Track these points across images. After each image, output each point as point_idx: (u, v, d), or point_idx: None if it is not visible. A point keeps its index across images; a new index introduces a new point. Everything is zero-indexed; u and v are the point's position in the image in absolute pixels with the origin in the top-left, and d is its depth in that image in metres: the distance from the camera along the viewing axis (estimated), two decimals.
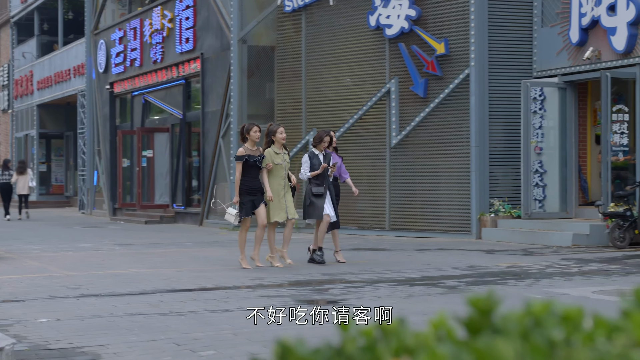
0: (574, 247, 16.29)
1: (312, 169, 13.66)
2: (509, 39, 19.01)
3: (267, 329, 8.12)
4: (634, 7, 16.74)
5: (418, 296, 10.10)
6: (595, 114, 19.06)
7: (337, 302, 9.71)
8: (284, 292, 10.60)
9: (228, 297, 10.27)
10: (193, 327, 8.26)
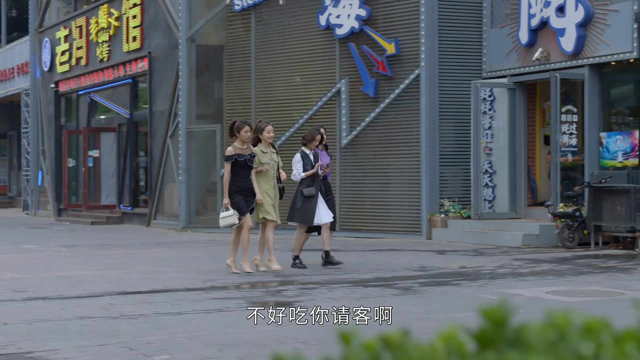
0: (524, 247, 16.34)
1: (304, 169, 13.03)
2: (459, 40, 19.04)
3: (222, 332, 7.98)
4: (582, 9, 16.85)
5: (372, 297, 10.01)
6: (544, 114, 19.16)
7: (291, 304, 9.58)
8: (237, 294, 10.46)
9: (180, 299, 10.09)
10: (145, 330, 8.09)
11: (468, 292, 10.40)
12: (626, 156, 16.59)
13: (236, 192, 12.31)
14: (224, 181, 12.38)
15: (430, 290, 10.62)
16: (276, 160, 12.85)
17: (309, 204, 12.96)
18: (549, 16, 17.48)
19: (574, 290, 10.39)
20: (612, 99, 17.58)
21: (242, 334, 7.88)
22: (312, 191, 12.94)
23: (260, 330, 8.01)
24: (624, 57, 16.37)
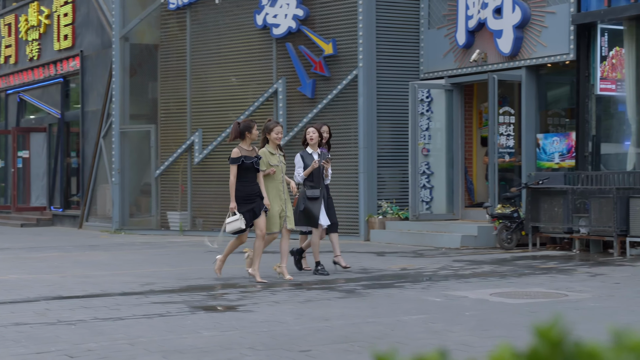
0: (463, 248, 16.33)
1: (305, 169, 12.31)
2: (397, 40, 18.99)
3: (165, 338, 7.75)
4: (519, 10, 16.91)
5: (316, 301, 9.86)
6: (481, 115, 19.22)
7: (235, 308, 9.38)
8: (177, 298, 10.21)
9: (119, 304, 9.82)
10: (85, 337, 7.81)
11: (412, 294, 10.30)
12: (563, 157, 16.70)
13: (242, 199, 11.42)
14: (230, 185, 11.45)
15: (374, 292, 10.49)
16: (284, 162, 12.07)
17: (313, 206, 12.20)
18: (487, 17, 17.52)
19: (518, 292, 10.36)
20: (549, 101, 17.69)
21: (186, 339, 7.66)
22: (316, 193, 12.16)
23: (204, 336, 7.80)
24: (561, 59, 16.47)
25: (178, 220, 21.34)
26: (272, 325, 8.24)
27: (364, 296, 10.19)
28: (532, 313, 8.77)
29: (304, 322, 8.40)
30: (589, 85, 16.24)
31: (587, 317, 8.50)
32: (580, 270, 12.59)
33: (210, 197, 21.00)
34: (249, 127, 11.49)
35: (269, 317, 8.73)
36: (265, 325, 8.29)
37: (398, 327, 8.08)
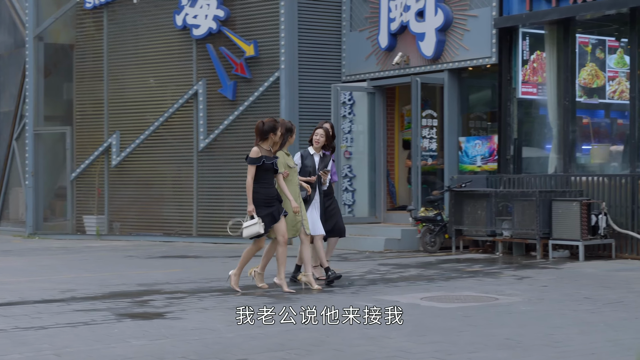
0: (387, 251, 16.26)
1: (303, 171, 11.55)
2: (319, 43, 18.86)
3: (93, 347, 7.46)
4: (442, 14, 16.93)
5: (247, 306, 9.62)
6: (403, 118, 19.19)
7: (162, 315, 9.10)
8: (101, 306, 9.87)
9: (40, 312, 9.44)
10: (7, 347, 7.46)
11: (342, 299, 10.15)
12: (485, 160, 16.77)
13: (262, 203, 10.72)
14: (248, 186, 10.73)
15: (304, 297, 10.31)
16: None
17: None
18: (409, 20, 17.50)
19: (448, 296, 10.29)
20: (471, 104, 17.75)
21: (114, 349, 7.37)
22: (302, 195, 11.35)
23: (134, 345, 7.52)
24: (483, 62, 16.52)
25: (95, 224, 20.85)
26: (204, 333, 8.00)
27: (295, 301, 9.99)
28: (466, 318, 8.69)
29: (237, 329, 8.17)
30: (511, 88, 16.33)
31: (521, 322, 8.45)
32: (506, 274, 12.60)
33: (128, 200, 20.58)
34: (274, 128, 10.77)
35: (199, 324, 8.49)
36: (196, 333, 8.04)
37: (333, 333, 7.91)
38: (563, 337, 7.63)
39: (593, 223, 14.40)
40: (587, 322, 8.35)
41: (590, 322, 8.39)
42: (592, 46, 16.03)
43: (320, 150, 11.72)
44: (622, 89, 15.80)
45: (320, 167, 11.60)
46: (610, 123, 16.41)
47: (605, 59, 15.93)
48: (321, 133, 11.69)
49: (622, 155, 15.32)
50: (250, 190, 10.76)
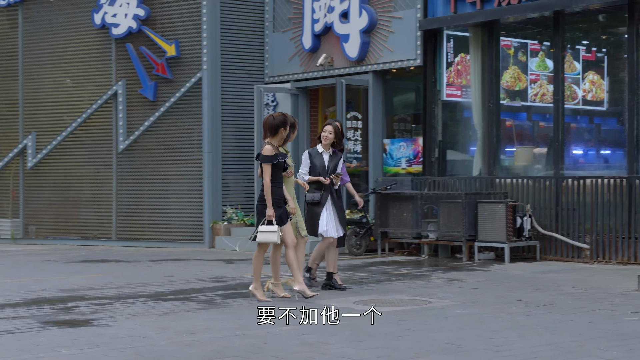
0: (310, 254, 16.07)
1: (312, 170, 10.95)
2: (242, 43, 18.63)
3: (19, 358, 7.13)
4: (366, 15, 16.86)
5: (176, 312, 9.36)
6: (326, 120, 19.04)
7: (90, 322, 8.78)
8: (24, 313, 9.49)
9: None
10: None
11: (274, 304, 9.93)
12: (410, 163, 16.75)
13: (275, 204, 9.92)
14: (267, 188, 9.80)
15: (235, 303, 10.08)
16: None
17: (313, 211, 10.90)
18: (333, 22, 17.39)
19: (381, 300, 10.17)
20: (396, 106, 17.72)
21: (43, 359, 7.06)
22: (316, 197, 10.81)
23: (64, 354, 7.22)
24: (408, 64, 16.50)
25: (9, 227, 20.26)
26: (136, 341, 7.72)
27: (225, 307, 9.77)
28: (402, 322, 8.57)
29: (169, 336, 7.92)
30: (436, 91, 16.35)
31: (458, 326, 8.37)
32: (435, 276, 12.55)
33: (45, 203, 20.04)
34: (285, 122, 10.03)
35: (129, 331, 8.20)
36: (128, 340, 7.76)
37: (270, 339, 7.71)
38: (503, 340, 7.56)
39: (518, 225, 14.47)
40: (523, 325, 8.31)
41: (527, 325, 8.35)
42: (515, 49, 16.14)
43: (330, 148, 11.04)
44: (544, 91, 15.94)
45: (330, 166, 10.94)
46: (532, 125, 16.55)
47: (527, 62, 16.05)
48: (330, 130, 10.99)
49: (545, 158, 15.44)
50: (269, 192, 9.83)
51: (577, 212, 14.31)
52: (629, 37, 14.00)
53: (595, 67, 15.69)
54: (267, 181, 9.82)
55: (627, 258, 13.62)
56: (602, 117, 16.15)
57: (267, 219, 9.83)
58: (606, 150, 15.74)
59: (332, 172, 10.93)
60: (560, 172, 14.71)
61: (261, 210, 9.95)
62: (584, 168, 15.05)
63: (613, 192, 13.86)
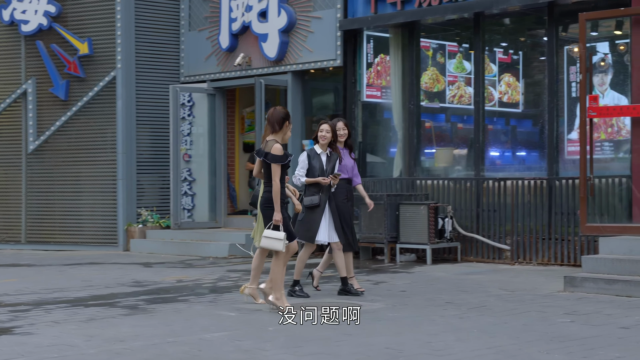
0: (231, 257, 15.84)
1: (311, 172, 10.40)
2: (158, 42, 18.23)
3: None
4: (285, 15, 16.66)
5: (100, 319, 9.01)
6: (243, 121, 18.84)
7: (9, 331, 8.37)
8: None
9: None
10: None
11: (202, 309, 9.68)
12: None
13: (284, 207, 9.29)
14: (277, 190, 9.09)
15: (161, 308, 9.77)
16: None
17: (310, 215, 10.33)
18: (251, 21, 17.15)
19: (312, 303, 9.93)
20: (315, 107, 17.57)
21: None
22: (315, 200, 10.24)
23: None
24: (327, 65, 16.35)
25: None
26: (63, 350, 7.38)
27: (151, 312, 9.45)
28: (337, 326, 8.39)
29: (98, 344, 7.59)
30: (355, 91, 16.24)
31: (394, 330, 8.23)
32: (360, 279, 12.40)
33: None
34: (289, 115, 9.41)
35: (54, 340, 7.84)
36: (54, 349, 7.41)
37: (204, 346, 7.45)
38: (442, 345, 7.45)
39: (440, 226, 14.46)
40: (459, 329, 8.21)
41: (462, 328, 8.26)
42: (433, 50, 16.14)
43: (327, 149, 10.48)
44: (462, 93, 15.98)
45: (328, 168, 10.38)
46: (451, 127, 16.58)
47: (445, 63, 16.07)
48: (327, 129, 10.41)
49: (466, 159, 15.46)
50: (279, 195, 9.14)
51: (497, 214, 14.35)
52: (548, 40, 14.09)
53: (511, 69, 15.78)
54: (277, 183, 9.10)
55: (547, 259, 13.71)
56: (517, 119, 16.27)
57: (275, 223, 9.15)
58: (524, 151, 15.85)
59: (330, 174, 10.38)
60: (480, 173, 14.74)
61: (269, 214, 9.23)
62: (503, 169, 15.11)
63: (533, 193, 13.95)
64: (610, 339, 7.63)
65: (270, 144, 9.22)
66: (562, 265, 13.42)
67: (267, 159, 9.19)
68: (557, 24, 14.04)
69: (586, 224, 11.88)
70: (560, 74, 14.05)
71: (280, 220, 9.13)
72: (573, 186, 13.47)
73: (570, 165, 14.00)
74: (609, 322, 8.46)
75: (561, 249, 13.58)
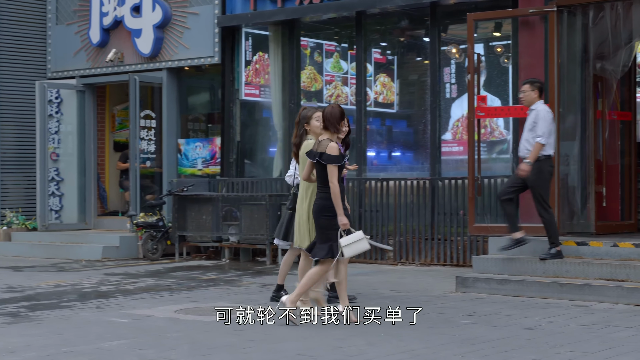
0: (105, 260, 15.25)
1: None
2: (23, 36, 17.46)
3: None
4: (160, 10, 16.19)
5: None
6: (114, 119, 18.22)
7: None
8: None
9: None
10: None
11: (90, 315, 9.17)
12: (206, 163, 16.21)
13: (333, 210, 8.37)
14: (336, 193, 8.23)
15: (45, 315, 9.21)
16: None
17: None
18: (124, 15, 16.59)
19: (204, 308, 9.59)
20: (192, 105, 17.12)
21: None
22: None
23: None
24: (205, 62, 15.95)
25: None
26: None
27: (36, 320, 8.89)
28: (239, 332, 8.04)
29: None
30: (234, 90, 15.90)
31: (301, 334, 7.96)
32: (247, 281, 12.10)
33: None
34: (344, 112, 8.60)
35: None
36: None
37: (105, 356, 7.00)
38: (354, 349, 7.22)
39: None
40: (367, 332, 8.00)
41: (370, 331, 8.04)
42: (311, 49, 15.96)
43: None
44: (339, 93, 15.86)
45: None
46: None
47: (323, 62, 15.91)
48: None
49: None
50: (339, 198, 8.27)
51: (380, 214, 14.25)
52: (431, 40, 14.09)
53: (386, 69, 15.75)
54: (336, 185, 8.25)
55: (430, 259, 13.70)
56: (392, 119, 16.26)
57: (344, 228, 8.29)
58: (402, 152, 15.84)
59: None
60: (362, 173, 14.62)
61: (325, 224, 8.35)
62: (385, 169, 15.05)
63: (416, 193, 13.91)
64: (519, 340, 7.56)
65: (325, 144, 8.36)
66: (445, 266, 13.43)
67: (322, 159, 8.35)
68: (440, 25, 14.06)
69: (474, 224, 11.90)
70: (440, 74, 14.08)
71: (347, 224, 8.30)
72: (456, 186, 13.50)
73: (445, 165, 14.04)
74: (512, 323, 8.42)
75: (444, 249, 13.59)
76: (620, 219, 12.71)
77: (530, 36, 11.87)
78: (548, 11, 11.50)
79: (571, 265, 10.39)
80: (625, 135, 12.87)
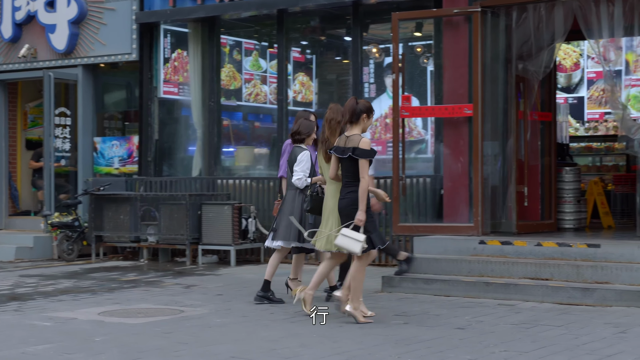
0: (18, 261, 14.84)
1: (313, 171, 9.39)
2: None
3: None
4: (75, 5, 15.86)
5: None
6: (26, 116, 17.75)
7: None
8: None
9: None
10: None
11: (10, 318, 8.87)
12: (124, 162, 15.91)
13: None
14: (365, 188, 8.16)
15: None
16: None
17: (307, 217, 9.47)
18: (37, 10, 16.20)
19: (128, 310, 9.37)
20: (109, 102, 16.79)
21: None
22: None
23: None
24: (122, 59, 15.66)
25: None
26: None
27: None
28: (167, 335, 7.86)
29: None
30: (152, 87, 15.63)
31: (231, 337, 7.81)
32: (168, 282, 11.87)
33: None
34: (371, 109, 8.46)
35: None
36: None
37: None
38: (288, 351, 7.10)
39: (243, 227, 14.11)
40: (299, 334, 7.90)
41: (300, 332, 7.95)
42: (230, 47, 15.80)
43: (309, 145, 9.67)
44: (257, 91, 15.75)
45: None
46: (248, 125, 16.29)
47: (242, 60, 15.77)
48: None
49: (267, 158, 15.21)
50: (366, 195, 8.20)
51: None
52: (353, 39, 14.05)
53: (305, 68, 15.68)
54: (367, 179, 8.17)
55: None
56: None
57: (357, 223, 8.19)
58: None
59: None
60: None
61: (349, 214, 8.26)
62: None
63: None
64: (452, 340, 7.54)
65: (357, 139, 8.25)
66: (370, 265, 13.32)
67: (355, 154, 8.20)
68: (362, 24, 14.03)
69: (398, 224, 11.89)
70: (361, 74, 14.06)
71: (363, 221, 8.18)
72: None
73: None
74: (442, 323, 8.40)
75: None
76: (541, 219, 12.86)
77: (455, 36, 11.92)
78: (472, 12, 11.56)
79: (496, 265, 10.46)
80: (545, 135, 13.04)
